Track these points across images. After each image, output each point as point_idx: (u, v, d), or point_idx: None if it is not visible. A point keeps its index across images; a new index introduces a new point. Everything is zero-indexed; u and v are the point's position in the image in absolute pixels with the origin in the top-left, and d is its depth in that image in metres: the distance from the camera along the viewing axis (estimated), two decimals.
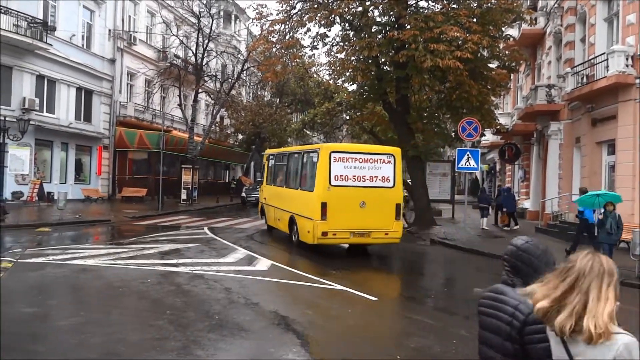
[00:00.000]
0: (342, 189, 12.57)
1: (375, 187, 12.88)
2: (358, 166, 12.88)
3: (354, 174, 12.83)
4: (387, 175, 13.06)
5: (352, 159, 12.97)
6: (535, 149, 23.52)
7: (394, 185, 13.05)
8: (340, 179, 12.68)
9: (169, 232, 16.65)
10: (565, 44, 19.28)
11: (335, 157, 12.80)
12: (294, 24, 19.16)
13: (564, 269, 2.01)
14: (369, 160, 13.05)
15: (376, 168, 13.03)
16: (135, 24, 31.03)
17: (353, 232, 12.60)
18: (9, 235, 14.56)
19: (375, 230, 12.73)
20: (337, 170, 12.67)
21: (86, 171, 27.53)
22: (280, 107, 41.56)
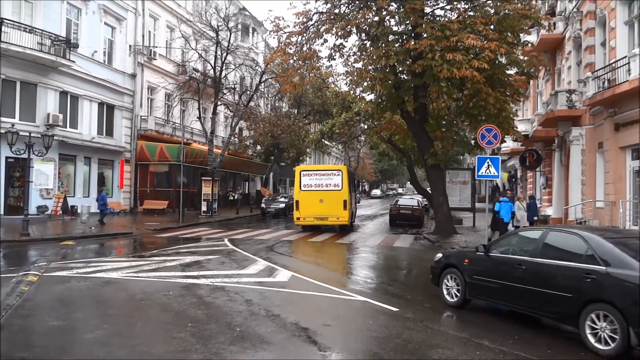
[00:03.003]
0: (308, 191, 21.12)
1: (329, 190, 21.02)
2: (318, 178, 21.39)
3: (315, 182, 21.25)
4: (337, 182, 21.24)
5: (314, 174, 21.80)
6: (557, 155, 23.18)
7: (341, 189, 21.13)
8: (307, 186, 21.23)
9: (189, 244, 16.79)
10: (585, 48, 19.02)
11: (304, 174, 21.65)
12: (311, 36, 19.29)
13: None
14: (325, 174, 21.75)
15: (330, 179, 21.36)
16: (155, 39, 31.59)
17: (316, 217, 21.18)
18: (34, 249, 14.87)
19: (330, 216, 21.17)
20: (304, 181, 21.34)
21: (108, 184, 27.95)
22: (298, 118, 41.80)
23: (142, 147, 29.57)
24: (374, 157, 67.24)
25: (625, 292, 6.18)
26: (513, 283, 7.63)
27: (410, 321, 7.81)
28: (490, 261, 8.25)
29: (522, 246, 8.09)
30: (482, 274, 8.29)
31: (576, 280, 6.72)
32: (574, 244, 7.17)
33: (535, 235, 8.02)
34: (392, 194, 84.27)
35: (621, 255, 6.50)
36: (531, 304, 7.45)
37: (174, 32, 33.13)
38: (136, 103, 29.66)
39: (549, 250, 7.44)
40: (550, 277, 7.12)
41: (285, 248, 16.47)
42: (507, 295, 7.86)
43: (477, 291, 8.42)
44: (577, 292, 6.67)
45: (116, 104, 28.08)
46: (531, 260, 7.51)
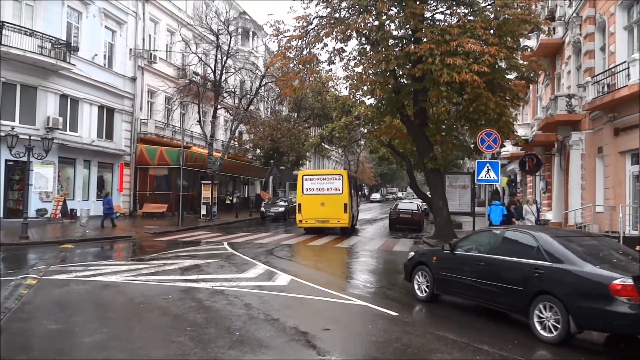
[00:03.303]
0: (310, 195, 22.05)
1: (330, 194, 21.94)
2: (320, 182, 22.34)
3: (317, 186, 22.19)
4: (337, 187, 22.08)
5: (316, 178, 22.80)
6: (557, 160, 23.20)
7: (342, 193, 21.96)
8: (309, 190, 22.20)
9: (189, 247, 16.77)
10: (584, 53, 19.07)
11: (306, 178, 22.66)
12: (311, 40, 19.30)
13: None
14: (326, 179, 22.65)
15: (331, 183, 22.23)
16: (155, 43, 31.65)
17: (318, 220, 21.95)
18: (33, 252, 14.85)
19: (331, 219, 21.86)
20: (307, 185, 22.30)
21: (108, 188, 27.90)
22: (298, 121, 41.81)
23: (141, 150, 29.58)
24: (373, 161, 67.27)
25: (566, 285, 6.95)
26: (474, 278, 8.37)
27: (409, 325, 7.80)
28: (455, 258, 8.97)
29: (483, 244, 8.79)
30: (448, 271, 9.01)
31: (527, 274, 7.46)
32: (526, 242, 7.91)
33: (495, 234, 8.88)
34: (392, 198, 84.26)
35: (565, 252, 7.25)
36: (490, 297, 8.17)
37: (174, 36, 33.20)
38: (136, 106, 29.69)
39: (505, 248, 8.19)
40: (505, 272, 7.87)
41: (284, 252, 16.45)
42: (469, 290, 8.58)
43: (443, 286, 9.17)
44: (527, 285, 7.39)
45: (116, 107, 28.10)
46: (489, 257, 8.29)
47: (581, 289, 6.81)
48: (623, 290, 6.41)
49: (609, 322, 6.61)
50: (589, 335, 7.39)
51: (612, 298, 6.46)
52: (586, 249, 7.49)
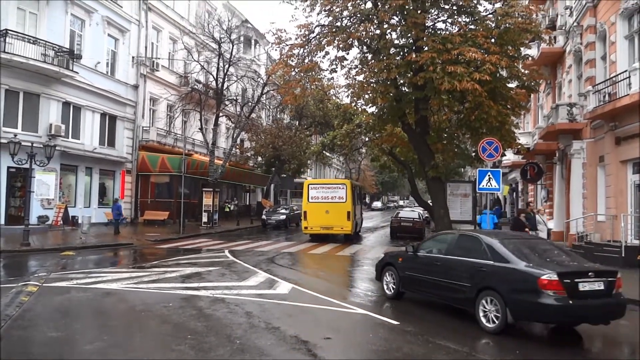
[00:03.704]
0: (315, 203, 23.13)
1: (334, 202, 22.98)
2: (324, 191, 23.49)
3: (322, 195, 23.32)
4: (341, 195, 23.14)
5: (321, 187, 24.07)
6: (558, 169, 23.19)
7: (345, 201, 23.01)
8: (314, 198, 23.28)
9: (190, 255, 16.76)
10: (585, 62, 19.12)
11: (311, 187, 23.88)
12: (312, 48, 19.33)
13: None
14: (330, 188, 23.91)
15: (335, 192, 23.37)
16: (157, 51, 31.79)
17: (322, 227, 22.95)
18: (34, 260, 14.85)
19: (335, 226, 22.88)
20: (312, 193, 23.48)
21: (109, 195, 27.95)
22: (299, 129, 41.88)
23: (143, 157, 29.62)
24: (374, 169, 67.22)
25: (505, 281, 7.92)
26: (432, 277, 9.30)
27: (410, 335, 7.78)
28: (417, 259, 9.90)
29: (440, 246, 9.73)
30: (411, 270, 9.94)
31: (474, 272, 8.44)
32: (475, 244, 8.87)
33: (450, 237, 9.92)
34: (393, 207, 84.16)
35: (505, 252, 8.22)
36: (445, 294, 9.13)
37: (176, 44, 33.35)
38: (138, 114, 29.76)
39: (458, 249, 9.15)
40: (457, 270, 8.81)
41: (285, 260, 16.43)
42: (428, 287, 9.51)
43: (408, 285, 10.10)
44: (474, 282, 8.34)
45: (118, 114, 28.18)
46: (445, 257, 9.26)
47: (516, 284, 7.74)
48: (549, 284, 7.34)
49: (538, 313, 7.54)
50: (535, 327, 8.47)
51: (540, 292, 7.37)
52: (524, 250, 8.40)
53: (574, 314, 7.62)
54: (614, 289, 7.82)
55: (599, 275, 7.76)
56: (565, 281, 7.40)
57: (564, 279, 7.42)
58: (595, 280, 7.66)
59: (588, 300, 7.58)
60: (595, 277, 7.68)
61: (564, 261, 8.38)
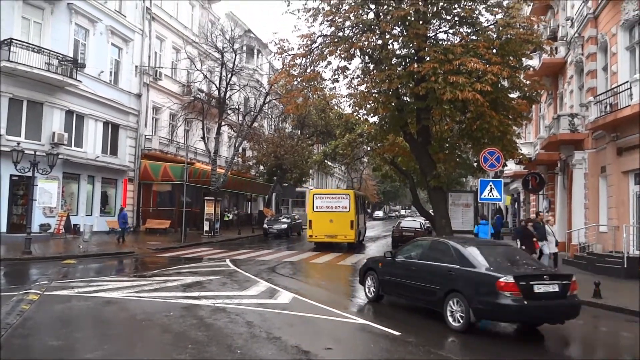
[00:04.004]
0: (319, 212, 23.93)
1: (338, 212, 23.77)
2: (329, 201, 24.37)
3: (327, 205, 24.15)
4: (345, 205, 24.01)
5: (326, 197, 24.99)
6: (560, 179, 23.18)
7: (349, 211, 23.81)
8: (319, 207, 24.09)
9: (191, 264, 16.74)
10: (587, 72, 19.18)
11: (316, 197, 24.81)
12: (315, 58, 19.40)
13: None
14: (334, 198, 24.74)
15: (339, 201, 24.21)
16: (161, 60, 31.98)
17: (327, 235, 23.72)
18: (35, 268, 14.86)
19: (339, 234, 23.61)
20: (317, 203, 24.29)
21: (111, 203, 28.00)
22: (301, 138, 41.96)
23: (145, 166, 29.69)
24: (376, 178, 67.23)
25: (469, 283, 8.58)
26: (408, 280, 10.00)
27: (412, 345, 7.75)
28: (395, 264, 10.56)
29: (416, 252, 10.48)
30: (389, 274, 10.62)
31: (443, 276, 9.12)
32: (444, 250, 9.59)
33: (424, 243, 10.82)
34: (395, 216, 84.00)
35: (470, 257, 8.93)
36: (418, 296, 9.86)
37: (179, 53, 33.54)
38: (141, 122, 29.87)
39: (430, 254, 9.88)
40: (429, 274, 9.51)
41: (287, 269, 16.40)
42: (404, 290, 10.26)
43: (386, 288, 10.80)
44: (443, 285, 9.02)
45: (121, 123, 28.29)
46: (419, 262, 10.01)
47: (478, 287, 8.43)
48: (506, 286, 8.04)
49: (497, 313, 8.33)
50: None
51: (498, 293, 8.07)
52: (488, 255, 9.02)
53: (529, 314, 8.32)
54: (568, 291, 8.51)
55: (554, 279, 8.53)
56: (521, 283, 8.09)
57: (520, 281, 8.11)
58: (550, 283, 8.39)
59: (542, 301, 8.29)
60: (550, 280, 8.44)
61: (523, 266, 9.10)
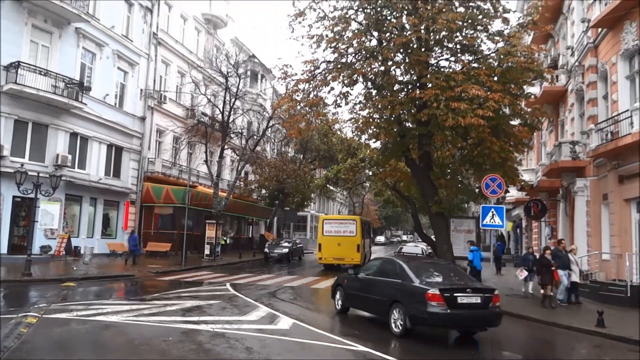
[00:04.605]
0: (328, 236, 25.85)
1: (345, 236, 25.63)
2: (337, 225, 26.41)
3: (335, 229, 26.11)
4: (352, 230, 25.94)
5: (334, 221, 27.33)
6: (562, 206, 23.14)
7: (355, 235, 25.72)
8: (328, 232, 26.03)
9: (191, 288, 16.65)
10: (587, 101, 19.32)
11: (326, 222, 26.84)
12: (318, 83, 19.62)
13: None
14: (342, 223, 26.74)
15: (346, 226, 26.18)
16: (165, 84, 32.33)
17: (335, 258, 25.56)
18: (35, 290, 14.79)
19: (346, 257, 25.31)
20: (326, 228, 26.28)
21: (113, 226, 27.99)
22: (304, 163, 42.09)
23: (148, 189, 29.76)
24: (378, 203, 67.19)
25: (406, 295, 10.22)
26: (365, 293, 11.70)
27: None
28: (357, 280, 12.26)
29: (373, 269, 12.19)
30: (352, 289, 12.30)
31: (390, 289, 10.77)
32: (393, 268, 11.28)
33: (380, 262, 12.53)
34: (396, 241, 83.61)
35: (410, 273, 10.58)
36: (372, 306, 11.59)
37: (184, 77, 33.95)
38: (144, 145, 30.05)
39: (384, 271, 11.60)
40: (380, 288, 11.18)
41: (287, 294, 16.28)
42: (362, 302, 11.99)
43: (350, 301, 12.49)
44: (389, 296, 10.65)
45: (125, 145, 28.46)
46: (373, 278, 11.71)
47: (412, 297, 9.98)
48: (433, 297, 9.59)
49: (426, 319, 9.74)
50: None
51: (427, 303, 9.59)
52: (425, 272, 10.78)
53: (453, 320, 9.89)
54: (490, 303, 10.05)
55: (476, 292, 10.01)
56: (445, 295, 9.62)
57: (445, 293, 9.66)
58: (472, 295, 9.89)
59: (465, 311, 9.81)
60: (472, 293, 9.92)
61: (453, 280, 10.65)
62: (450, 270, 11.53)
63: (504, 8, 18.24)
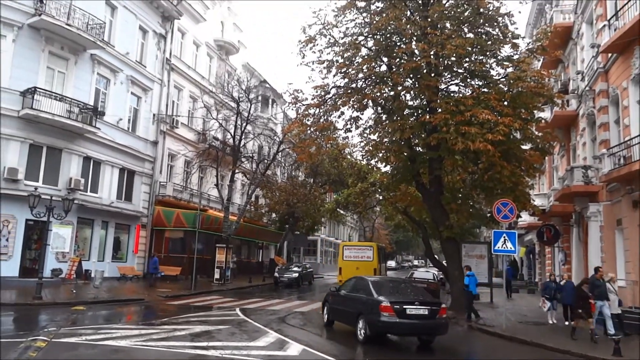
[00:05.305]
0: (348, 261, 27.29)
1: (363, 261, 26.98)
2: (356, 251, 28.30)
3: (354, 255, 27.83)
4: (369, 255, 27.55)
5: (353, 247, 29.47)
6: (575, 231, 22.85)
7: (372, 260, 27.18)
8: (347, 257, 27.71)
9: (200, 312, 16.56)
10: (599, 125, 19.24)
11: (345, 247, 28.94)
12: (328, 108, 19.81)
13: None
14: (360, 249, 28.73)
15: (364, 252, 27.93)
16: (178, 108, 32.74)
17: None
18: (45, 314, 14.78)
19: None
20: (346, 253, 28.04)
21: (123, 249, 28.05)
22: (314, 187, 42.13)
23: (159, 212, 29.87)
24: (389, 227, 66.80)
25: (367, 307, 12.15)
26: (342, 307, 13.69)
27: None
28: (338, 296, 14.21)
29: (349, 286, 14.09)
30: (334, 304, 14.32)
31: (357, 303, 12.74)
32: (363, 285, 13.30)
33: (354, 280, 14.42)
34: (408, 266, 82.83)
35: (372, 289, 12.63)
36: (346, 318, 13.41)
37: (196, 102, 34.38)
38: (156, 169, 30.28)
39: (356, 288, 13.55)
40: (351, 302, 13.12)
41: (297, 320, 16.12)
42: (340, 315, 13.88)
43: (333, 314, 14.41)
44: (357, 309, 12.59)
45: (137, 169, 28.71)
46: (348, 294, 13.65)
47: (371, 309, 11.87)
48: (384, 308, 11.51)
49: (380, 327, 11.68)
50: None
51: (380, 313, 11.51)
52: (385, 288, 12.84)
53: (402, 329, 11.78)
54: (437, 314, 11.83)
55: (424, 304, 11.85)
56: (395, 306, 11.46)
57: (395, 305, 11.51)
58: (420, 307, 11.73)
59: (413, 321, 11.61)
60: (420, 305, 11.78)
61: (408, 296, 12.61)
62: (410, 288, 13.62)
63: (512, 34, 18.41)
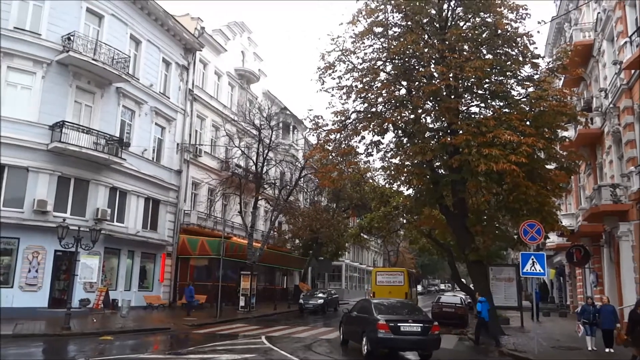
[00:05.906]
0: (381, 286, 29.35)
1: (395, 285, 29.10)
2: (387, 276, 30.68)
3: (386, 280, 30.12)
4: (400, 280, 29.82)
5: (385, 273, 32.07)
6: (606, 251, 22.24)
7: (403, 284, 29.39)
8: (380, 282, 29.87)
9: (226, 341, 16.51)
10: (625, 142, 18.88)
11: (378, 273, 31.67)
12: (349, 133, 19.90)
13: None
14: (392, 274, 31.08)
15: (395, 277, 30.29)
16: (201, 138, 33.27)
17: None
18: (73, 344, 14.93)
19: None
20: (378, 278, 30.42)
21: (149, 278, 28.25)
22: (337, 212, 42.06)
23: (184, 240, 30.10)
24: (414, 251, 66.04)
25: (368, 325, 13.48)
26: (353, 327, 15.10)
27: None
28: (350, 317, 15.75)
29: (358, 308, 15.66)
30: (347, 324, 16.04)
31: (364, 322, 14.00)
32: (367, 306, 14.83)
33: (362, 302, 16.40)
34: (434, 290, 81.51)
35: (373, 309, 14.04)
36: (355, 336, 14.79)
37: (219, 131, 34.89)
38: (180, 198, 30.62)
39: (363, 309, 15.03)
40: (359, 321, 14.52)
41: (323, 348, 15.94)
42: (352, 335, 15.30)
43: (346, 334, 15.97)
44: (362, 327, 14.00)
45: (161, 199, 29.10)
46: (357, 314, 15.14)
47: (371, 327, 13.20)
48: (380, 326, 12.91)
49: (378, 343, 13.08)
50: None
51: (377, 330, 12.89)
52: (385, 308, 14.37)
53: (397, 344, 13.23)
54: (429, 331, 13.16)
55: (417, 322, 13.32)
56: (390, 324, 12.89)
57: (390, 322, 12.96)
58: (413, 324, 13.23)
59: (407, 337, 13.04)
60: (413, 323, 13.28)
61: (402, 314, 14.12)
62: (407, 309, 15.11)
63: (532, 53, 18.35)
